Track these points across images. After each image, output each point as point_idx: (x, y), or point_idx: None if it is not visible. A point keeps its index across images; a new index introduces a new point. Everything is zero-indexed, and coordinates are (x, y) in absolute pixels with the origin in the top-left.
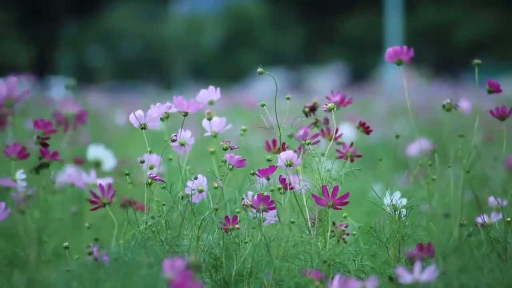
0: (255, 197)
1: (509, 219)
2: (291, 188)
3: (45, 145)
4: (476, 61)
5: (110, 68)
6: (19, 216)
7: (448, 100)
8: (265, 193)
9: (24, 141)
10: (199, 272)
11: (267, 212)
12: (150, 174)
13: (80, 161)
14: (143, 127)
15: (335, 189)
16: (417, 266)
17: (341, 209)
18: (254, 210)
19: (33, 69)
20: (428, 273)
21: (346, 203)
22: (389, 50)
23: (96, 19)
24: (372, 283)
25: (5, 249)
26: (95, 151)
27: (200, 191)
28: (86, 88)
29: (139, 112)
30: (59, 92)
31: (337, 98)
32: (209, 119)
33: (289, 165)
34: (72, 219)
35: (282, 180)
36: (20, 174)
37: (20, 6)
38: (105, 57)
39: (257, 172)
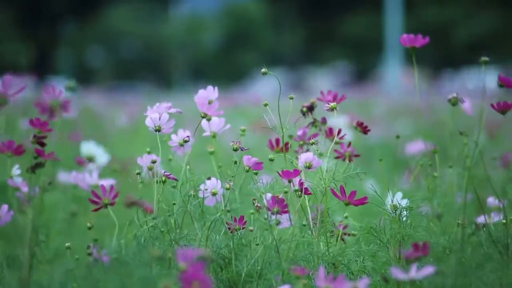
0: (270, 199)
1: (506, 220)
2: (309, 193)
3: (42, 144)
4: (484, 58)
5: (110, 68)
6: (20, 216)
7: (454, 94)
8: (280, 196)
9: (22, 141)
10: (206, 270)
11: (281, 214)
12: (164, 172)
13: (82, 162)
14: (158, 130)
15: (354, 191)
16: (413, 267)
17: (357, 205)
18: (268, 212)
19: (33, 69)
20: (424, 272)
21: (365, 203)
22: (403, 36)
23: (96, 19)
24: (363, 283)
25: (5, 249)
26: (87, 147)
27: (214, 194)
28: (86, 89)
29: (155, 116)
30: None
31: (330, 97)
32: (208, 119)
33: (309, 167)
34: (74, 219)
35: (301, 184)
36: (15, 170)
37: (20, 6)
38: (105, 57)
39: (280, 174)
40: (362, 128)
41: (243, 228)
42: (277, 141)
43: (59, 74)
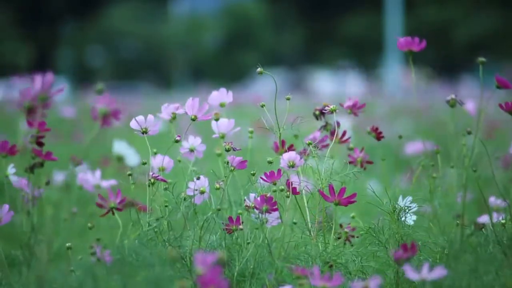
0: (258, 198)
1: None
2: (297, 193)
3: (40, 144)
4: (481, 59)
5: (110, 68)
6: (23, 217)
7: (453, 96)
8: (268, 194)
9: (22, 141)
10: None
11: (270, 213)
12: (153, 174)
13: (79, 162)
14: (144, 132)
15: (342, 189)
16: (425, 267)
17: (346, 205)
18: (257, 212)
19: (33, 69)
20: (435, 274)
21: (353, 202)
22: (400, 40)
23: (96, 19)
24: (374, 282)
25: (5, 249)
26: (119, 146)
27: (202, 192)
28: (85, 88)
29: (140, 118)
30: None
31: (350, 103)
32: (216, 120)
33: (292, 166)
34: (75, 219)
35: (288, 184)
36: (11, 169)
37: (20, 6)
38: (105, 57)
39: (262, 177)
40: (377, 134)
41: (240, 230)
42: (283, 142)
43: (59, 74)
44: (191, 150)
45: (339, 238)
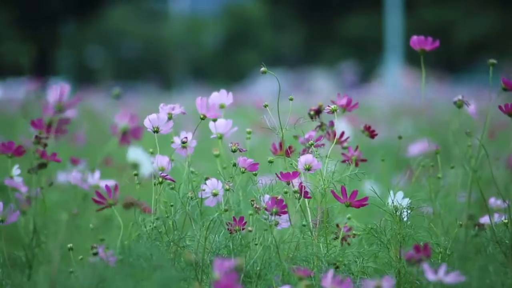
0: (269, 200)
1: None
2: (309, 197)
3: (44, 145)
4: (491, 60)
5: (110, 68)
6: (21, 217)
7: (460, 97)
8: (279, 197)
9: (22, 141)
10: (206, 273)
11: (280, 215)
12: (161, 173)
13: (77, 162)
14: (156, 131)
15: (354, 191)
16: (442, 268)
17: (358, 207)
18: (267, 213)
19: (33, 69)
20: (453, 278)
21: (365, 204)
22: (413, 38)
23: (96, 19)
24: (388, 283)
25: (8, 250)
26: (134, 153)
27: (215, 195)
28: (85, 88)
29: (153, 116)
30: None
31: (343, 101)
32: (215, 120)
33: (308, 169)
34: (74, 219)
35: (300, 186)
36: (15, 170)
37: (20, 6)
38: (105, 57)
39: (278, 176)
40: (370, 132)
41: (243, 229)
42: (281, 144)
43: (59, 74)
44: (183, 146)
45: (335, 238)
